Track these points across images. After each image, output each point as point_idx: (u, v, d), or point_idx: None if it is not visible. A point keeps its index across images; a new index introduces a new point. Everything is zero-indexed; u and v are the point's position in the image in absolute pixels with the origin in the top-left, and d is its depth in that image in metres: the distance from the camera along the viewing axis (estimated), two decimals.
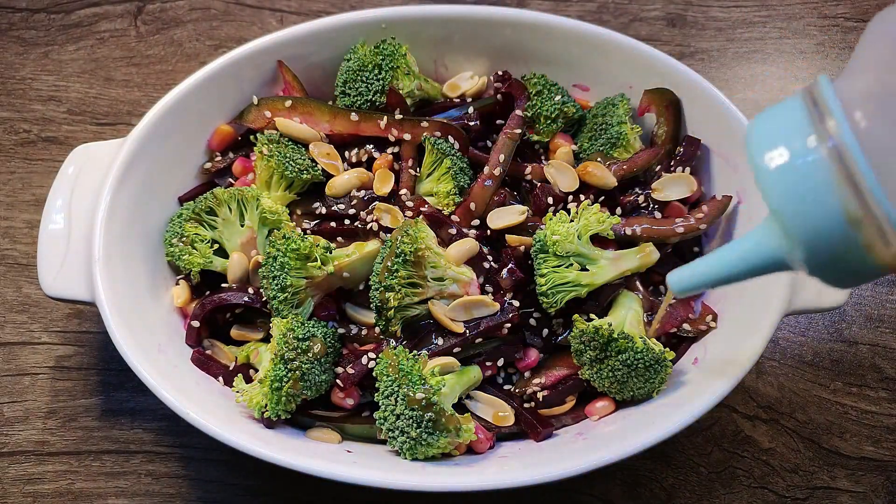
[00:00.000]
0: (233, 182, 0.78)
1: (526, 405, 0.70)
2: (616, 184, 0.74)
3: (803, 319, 0.83)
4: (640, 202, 0.74)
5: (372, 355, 0.68)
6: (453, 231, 0.71)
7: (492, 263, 0.71)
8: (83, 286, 0.67)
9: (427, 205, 0.72)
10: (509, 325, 0.68)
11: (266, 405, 0.65)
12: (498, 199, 0.73)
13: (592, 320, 0.68)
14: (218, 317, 0.73)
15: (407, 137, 0.75)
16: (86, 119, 0.92)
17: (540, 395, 0.70)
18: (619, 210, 0.74)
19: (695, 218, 0.73)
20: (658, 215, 0.74)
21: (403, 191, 0.74)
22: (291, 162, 0.73)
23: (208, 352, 0.73)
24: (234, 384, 0.68)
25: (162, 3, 0.99)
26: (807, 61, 0.96)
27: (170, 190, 0.76)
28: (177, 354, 0.70)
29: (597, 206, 0.71)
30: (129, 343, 0.64)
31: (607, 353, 0.66)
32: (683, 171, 0.74)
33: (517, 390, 0.71)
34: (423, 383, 0.62)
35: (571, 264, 0.68)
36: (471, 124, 0.76)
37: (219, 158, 0.78)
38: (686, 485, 0.76)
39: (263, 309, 0.71)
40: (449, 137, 0.74)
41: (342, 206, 0.74)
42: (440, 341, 0.68)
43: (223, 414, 0.66)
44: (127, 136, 0.71)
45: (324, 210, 0.74)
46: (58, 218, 0.70)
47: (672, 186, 0.74)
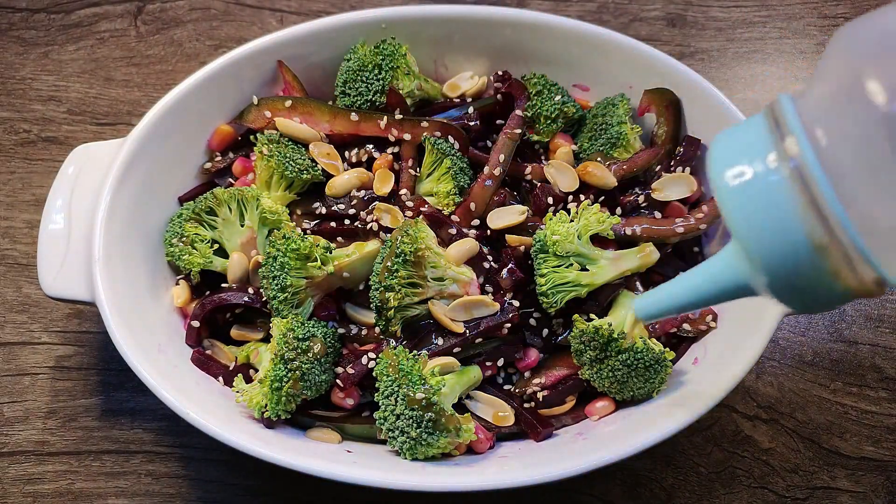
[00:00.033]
0: (233, 182, 0.78)
1: (526, 405, 0.70)
2: (616, 184, 0.74)
3: (803, 319, 0.83)
4: (640, 202, 0.74)
5: (372, 355, 0.68)
6: (453, 231, 0.71)
7: (492, 263, 0.71)
8: (83, 286, 0.67)
9: (427, 205, 0.72)
10: (509, 325, 0.68)
11: (266, 405, 0.65)
12: (498, 199, 0.73)
13: (592, 320, 0.68)
14: (218, 317, 0.73)
15: (407, 137, 0.75)
16: (86, 119, 0.92)
17: (540, 395, 0.70)
18: (619, 210, 0.74)
19: (695, 218, 0.73)
20: (658, 215, 0.74)
21: (403, 191, 0.74)
22: (291, 162, 0.73)
23: (208, 352, 0.73)
24: (234, 384, 0.68)
25: (162, 3, 0.99)
26: (807, 61, 0.96)
27: (170, 190, 0.76)
28: (177, 354, 0.70)
29: (597, 206, 0.71)
30: (129, 343, 0.64)
31: (607, 353, 0.66)
32: (683, 171, 0.74)
33: (517, 390, 0.71)
34: (423, 383, 0.62)
35: (571, 264, 0.68)
36: (471, 124, 0.76)
37: (219, 158, 0.78)
38: (686, 485, 0.76)
39: (263, 309, 0.71)
40: (449, 137, 0.74)
41: (342, 206, 0.74)
42: (440, 341, 0.68)
43: (223, 414, 0.66)
44: (127, 136, 0.71)
45: (324, 210, 0.74)
46: (58, 218, 0.70)
47: (672, 186, 0.74)
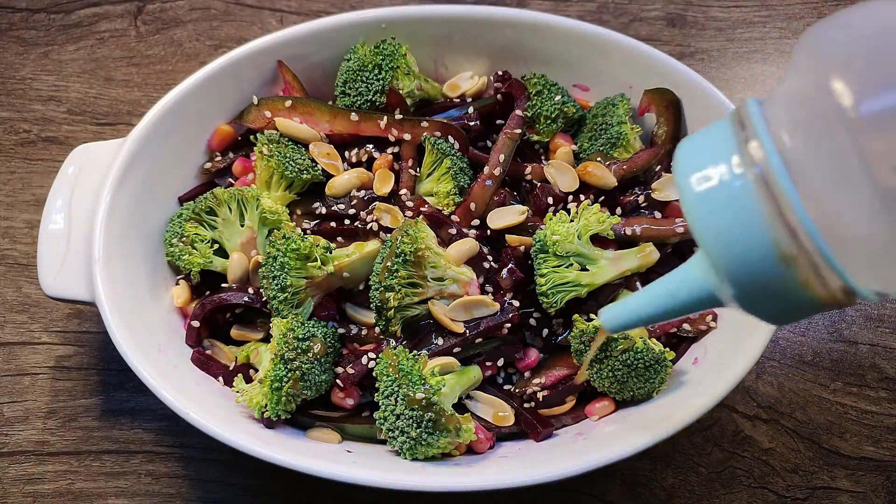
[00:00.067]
0: (233, 182, 0.78)
1: (526, 405, 0.70)
2: (616, 184, 0.74)
3: (803, 319, 0.83)
4: (640, 202, 0.74)
5: (372, 355, 0.68)
6: (453, 231, 0.71)
7: (492, 263, 0.71)
8: (83, 286, 0.67)
9: (427, 205, 0.72)
10: (509, 325, 0.68)
11: (266, 405, 0.65)
12: (498, 199, 0.73)
13: (592, 320, 0.68)
14: (218, 317, 0.73)
15: (407, 137, 0.75)
16: (86, 119, 0.92)
17: (540, 395, 0.70)
18: (619, 210, 0.74)
19: None
20: (658, 215, 0.74)
21: (403, 191, 0.74)
22: (291, 162, 0.73)
23: (208, 352, 0.73)
24: (234, 384, 0.68)
25: (162, 3, 0.99)
26: None
27: (170, 190, 0.76)
28: (177, 354, 0.70)
29: (597, 206, 0.71)
30: (129, 343, 0.64)
31: (607, 353, 0.66)
32: None
33: (517, 390, 0.71)
34: (423, 383, 0.62)
35: (571, 264, 0.68)
36: (471, 124, 0.76)
37: (219, 158, 0.78)
38: (686, 485, 0.76)
39: (263, 309, 0.71)
40: (449, 137, 0.74)
41: (342, 206, 0.74)
42: (440, 341, 0.68)
43: (223, 414, 0.66)
44: (127, 136, 0.71)
45: (324, 210, 0.74)
46: (58, 218, 0.70)
47: (672, 186, 0.74)
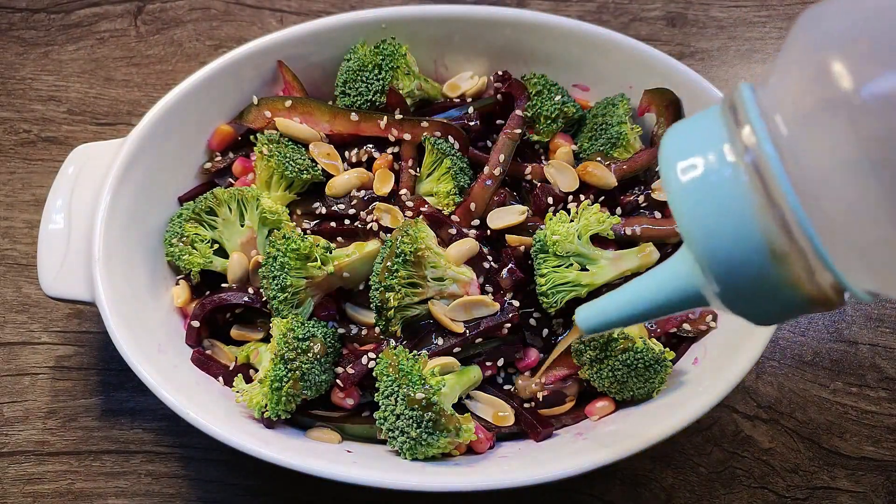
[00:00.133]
0: (233, 182, 0.78)
1: (526, 405, 0.70)
2: (616, 184, 0.74)
3: (803, 319, 0.83)
4: (640, 202, 0.74)
5: (372, 355, 0.68)
6: (453, 231, 0.71)
7: (492, 263, 0.71)
8: (83, 286, 0.67)
9: (427, 205, 0.72)
10: (509, 325, 0.68)
11: (266, 405, 0.65)
12: (498, 199, 0.73)
13: None
14: (218, 317, 0.73)
15: (407, 137, 0.75)
16: (86, 119, 0.92)
17: (540, 395, 0.70)
18: (619, 210, 0.74)
19: None
20: (658, 215, 0.74)
21: (403, 191, 0.74)
22: (291, 162, 0.73)
23: (208, 352, 0.73)
24: (234, 384, 0.68)
25: (162, 3, 0.99)
26: None
27: (170, 190, 0.76)
28: (177, 354, 0.70)
29: (597, 206, 0.71)
30: (129, 343, 0.64)
31: (607, 353, 0.66)
32: None
33: (517, 387, 0.70)
34: (423, 383, 0.62)
35: (571, 264, 0.68)
36: (471, 124, 0.76)
37: (219, 158, 0.78)
38: (686, 485, 0.76)
39: (263, 309, 0.71)
40: (449, 137, 0.74)
41: (342, 206, 0.74)
42: (440, 341, 0.68)
43: (223, 414, 0.66)
44: (127, 136, 0.71)
45: (324, 210, 0.74)
46: (58, 218, 0.70)
47: None
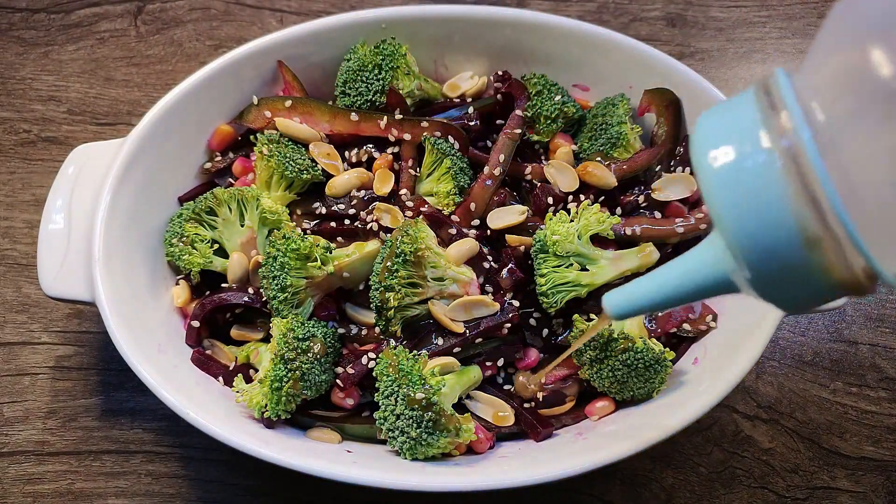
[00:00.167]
0: (233, 182, 0.78)
1: (526, 405, 0.70)
2: (616, 184, 0.74)
3: (803, 319, 0.83)
4: (640, 202, 0.74)
5: (372, 355, 0.68)
6: (453, 231, 0.71)
7: (492, 263, 0.71)
8: (83, 286, 0.67)
9: (427, 205, 0.72)
10: (509, 325, 0.68)
11: (266, 405, 0.65)
12: (498, 199, 0.73)
13: (592, 320, 0.68)
14: (218, 317, 0.73)
15: (407, 137, 0.75)
16: (86, 119, 0.92)
17: (540, 395, 0.70)
18: (619, 210, 0.74)
19: (695, 218, 0.73)
20: (658, 215, 0.74)
21: (403, 191, 0.74)
22: (291, 162, 0.73)
23: (208, 352, 0.73)
24: (234, 384, 0.68)
25: (162, 3, 0.99)
26: None
27: (170, 190, 0.76)
28: (177, 354, 0.70)
29: (597, 206, 0.71)
30: (129, 343, 0.64)
31: (607, 353, 0.66)
32: (683, 171, 0.74)
33: (518, 382, 0.70)
34: (423, 383, 0.62)
35: (571, 264, 0.68)
36: (471, 124, 0.76)
37: (219, 158, 0.78)
38: (686, 485, 0.76)
39: (263, 309, 0.71)
40: (449, 137, 0.74)
41: (342, 206, 0.74)
42: (440, 341, 0.68)
43: (223, 414, 0.66)
44: (127, 136, 0.71)
45: (324, 210, 0.74)
46: (58, 218, 0.70)
47: (672, 186, 0.74)
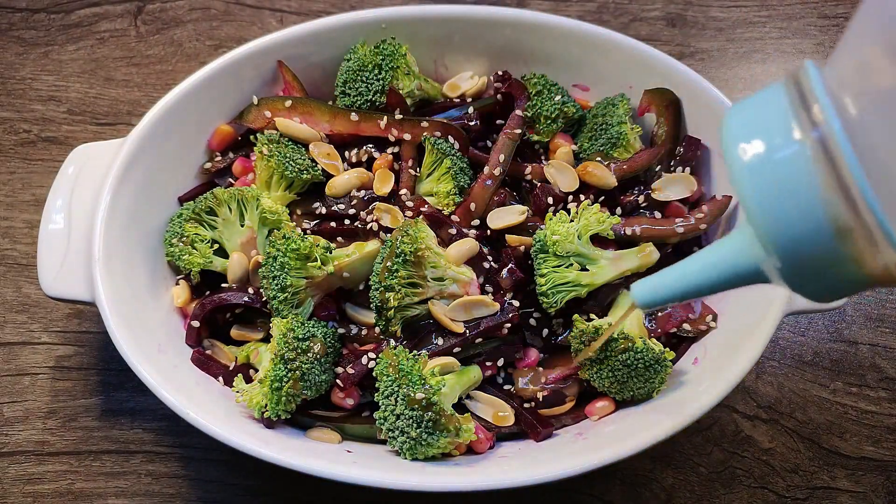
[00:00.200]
0: (233, 182, 0.78)
1: (526, 405, 0.70)
2: (616, 184, 0.74)
3: (803, 319, 0.83)
4: (640, 202, 0.74)
5: (372, 355, 0.68)
6: (453, 231, 0.71)
7: (492, 263, 0.71)
8: (83, 286, 0.67)
9: (427, 205, 0.72)
10: (509, 325, 0.68)
11: (266, 405, 0.65)
12: (498, 199, 0.73)
13: (592, 320, 0.68)
14: (218, 317, 0.73)
15: (407, 137, 0.75)
16: (86, 119, 0.92)
17: (540, 395, 0.70)
18: (619, 210, 0.74)
19: (695, 218, 0.73)
20: (658, 215, 0.74)
21: (403, 191, 0.74)
22: (291, 162, 0.73)
23: (208, 352, 0.73)
24: (234, 384, 0.68)
25: (162, 3, 0.99)
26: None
27: (170, 190, 0.76)
28: (177, 354, 0.70)
29: (597, 206, 0.71)
30: (129, 343, 0.64)
31: (607, 353, 0.66)
32: (683, 171, 0.74)
33: (518, 385, 0.70)
34: (423, 383, 0.62)
35: (571, 264, 0.68)
36: (471, 124, 0.76)
37: (219, 158, 0.78)
38: (686, 485, 0.76)
39: (263, 309, 0.71)
40: (449, 137, 0.74)
41: (342, 206, 0.74)
42: (440, 341, 0.68)
43: (223, 414, 0.66)
44: (127, 136, 0.71)
45: (324, 210, 0.74)
46: (58, 218, 0.70)
47: (672, 186, 0.74)
